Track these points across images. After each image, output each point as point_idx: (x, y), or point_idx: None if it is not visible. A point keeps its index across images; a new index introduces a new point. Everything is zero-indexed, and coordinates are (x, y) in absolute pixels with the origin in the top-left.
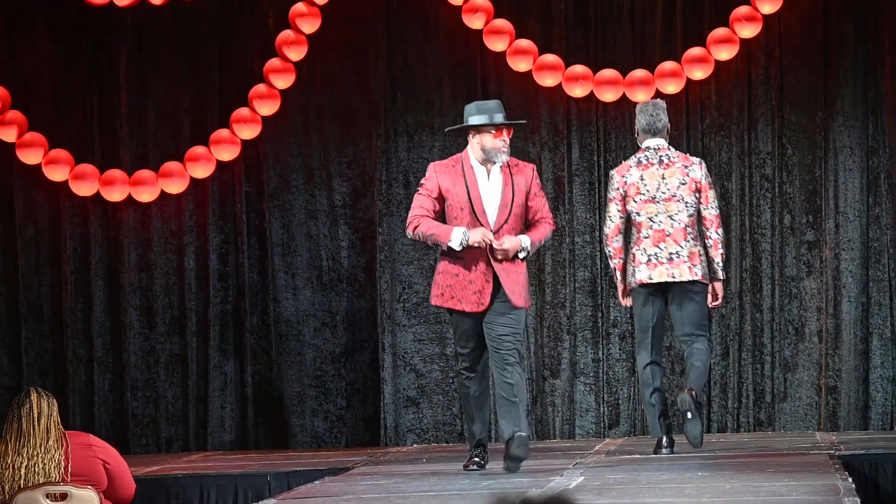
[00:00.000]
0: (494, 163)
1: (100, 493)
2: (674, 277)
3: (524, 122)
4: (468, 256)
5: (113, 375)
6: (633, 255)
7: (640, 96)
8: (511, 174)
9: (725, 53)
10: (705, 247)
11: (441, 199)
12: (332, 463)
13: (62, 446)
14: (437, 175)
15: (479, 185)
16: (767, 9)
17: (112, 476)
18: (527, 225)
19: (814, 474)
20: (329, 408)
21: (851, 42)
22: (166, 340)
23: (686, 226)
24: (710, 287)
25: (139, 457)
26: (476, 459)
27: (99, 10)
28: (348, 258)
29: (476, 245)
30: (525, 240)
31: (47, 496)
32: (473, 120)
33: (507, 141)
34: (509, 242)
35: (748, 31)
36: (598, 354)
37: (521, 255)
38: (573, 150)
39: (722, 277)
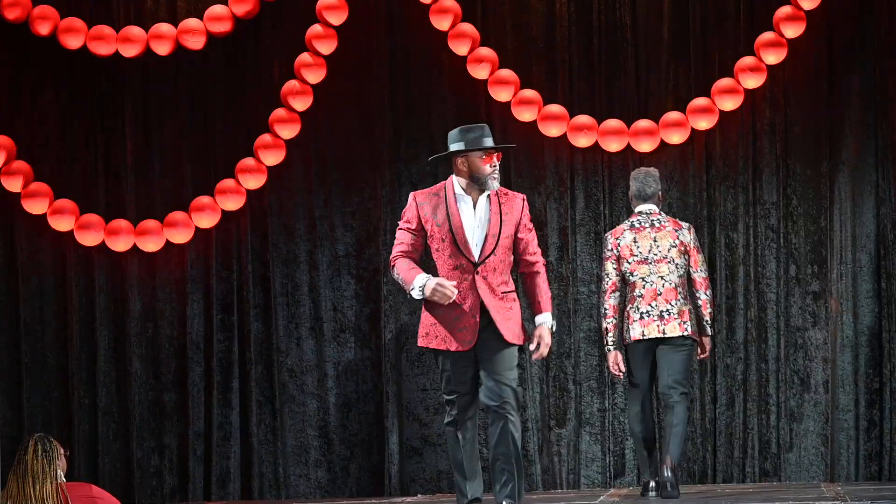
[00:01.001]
0: (484, 190)
1: None
2: (664, 334)
3: (513, 145)
4: (456, 286)
5: (117, 425)
6: (628, 313)
7: (644, 146)
8: (500, 203)
9: (730, 104)
10: (695, 305)
11: (422, 230)
12: None
13: (63, 502)
14: (416, 205)
15: (463, 215)
16: (772, 59)
17: None
18: (517, 262)
19: None
20: (333, 458)
21: (857, 92)
22: (171, 390)
23: (676, 286)
24: (700, 341)
25: None
26: None
27: (105, 61)
28: (352, 308)
29: (436, 300)
30: (546, 319)
31: None
32: (458, 146)
33: (497, 166)
34: (544, 339)
35: (753, 82)
36: (603, 404)
37: (554, 330)
38: (578, 201)
39: (709, 333)
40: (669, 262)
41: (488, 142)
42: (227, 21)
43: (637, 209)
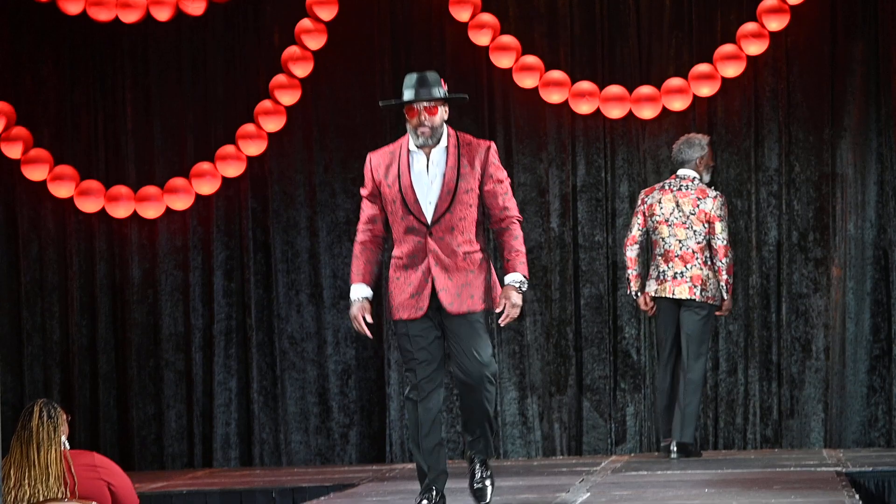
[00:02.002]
0: (420, 146)
1: None
2: (673, 295)
3: (442, 98)
4: (408, 254)
5: (118, 392)
6: (650, 270)
7: (646, 113)
8: (459, 155)
9: (732, 70)
10: (715, 272)
11: (379, 195)
12: (338, 479)
13: (65, 471)
14: (371, 167)
15: (414, 171)
16: (775, 26)
17: (116, 496)
18: (486, 217)
19: (821, 491)
20: (333, 425)
21: (859, 59)
22: (171, 357)
23: (694, 251)
24: (720, 305)
25: (144, 473)
26: None
27: (104, 27)
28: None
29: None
30: (513, 279)
31: None
32: (403, 98)
33: (433, 119)
34: (510, 300)
35: (755, 48)
36: (604, 371)
37: (524, 289)
38: (579, 167)
39: (726, 297)
40: (688, 228)
41: (408, 94)
42: None
43: (677, 173)
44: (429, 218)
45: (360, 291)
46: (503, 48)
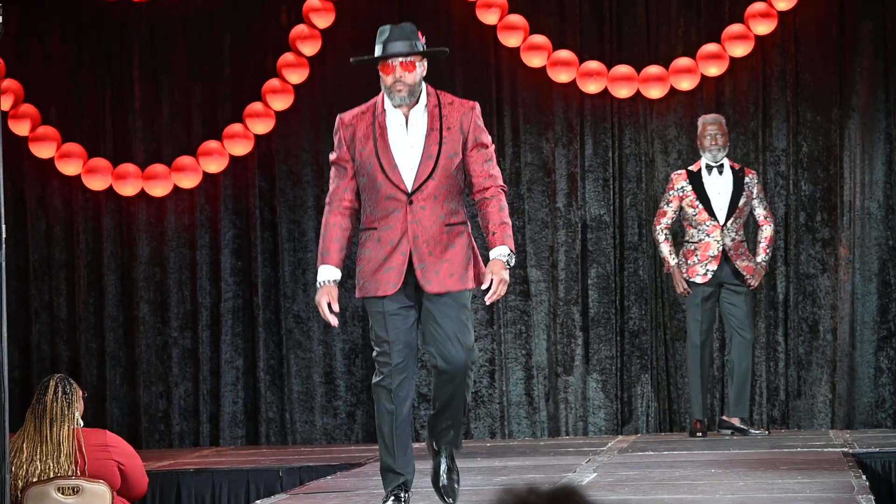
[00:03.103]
0: (397, 105)
1: (112, 489)
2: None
3: (419, 52)
4: (382, 226)
5: (125, 370)
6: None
7: (654, 93)
8: (441, 116)
9: (740, 50)
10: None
11: (352, 160)
12: (344, 458)
13: (76, 449)
14: (342, 129)
15: (391, 135)
16: (783, 5)
17: (126, 476)
18: (467, 186)
19: (827, 472)
20: (339, 404)
21: (868, 39)
22: (178, 335)
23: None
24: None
25: (151, 451)
26: None
27: (113, 5)
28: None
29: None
30: (500, 253)
31: (59, 490)
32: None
33: (411, 76)
34: (496, 275)
35: (763, 28)
36: (611, 351)
37: (511, 264)
38: (587, 147)
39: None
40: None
41: (381, 49)
42: None
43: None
44: (409, 185)
45: (327, 274)
46: (511, 27)
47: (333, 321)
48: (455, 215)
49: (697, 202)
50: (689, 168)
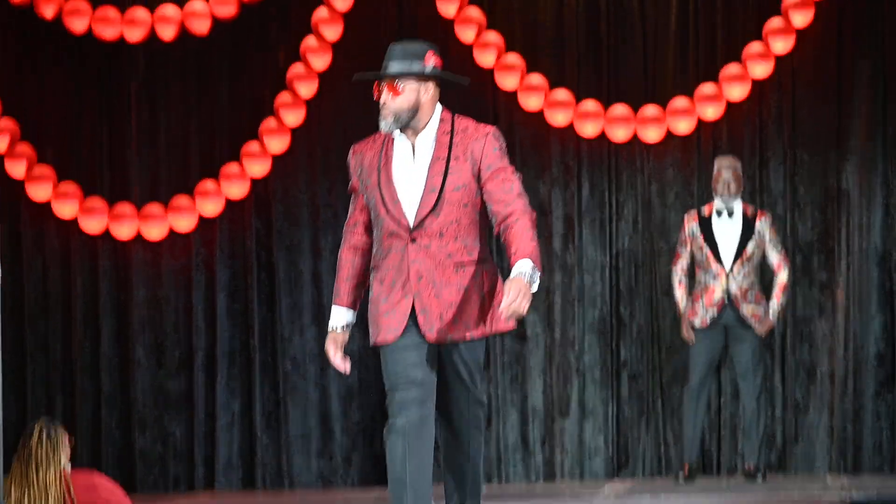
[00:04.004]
0: (389, 131)
1: None
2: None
3: (409, 73)
4: (387, 265)
5: (120, 412)
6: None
7: (651, 135)
8: (451, 144)
9: (738, 92)
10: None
11: (362, 192)
12: (340, 502)
13: (65, 492)
14: (352, 158)
15: (395, 165)
16: (780, 47)
17: None
18: (494, 220)
19: None
20: (335, 447)
21: (866, 81)
22: (174, 377)
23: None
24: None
25: (146, 495)
26: None
27: (110, 45)
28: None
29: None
30: (520, 268)
31: None
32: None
33: (396, 100)
34: (514, 288)
35: (760, 70)
36: (607, 395)
37: (535, 289)
38: (583, 189)
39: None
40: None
41: (389, 68)
42: (233, 5)
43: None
44: (410, 221)
45: (337, 318)
46: (508, 68)
47: (342, 368)
48: (469, 253)
49: (705, 246)
50: (701, 209)
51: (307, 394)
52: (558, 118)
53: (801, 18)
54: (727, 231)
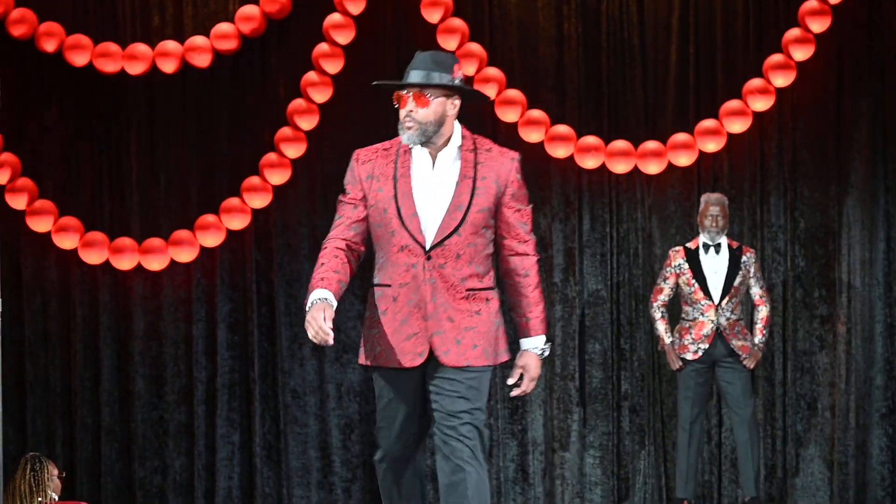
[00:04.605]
0: (414, 144)
1: None
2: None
3: (439, 84)
4: (397, 282)
5: (120, 445)
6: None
7: (652, 168)
8: (476, 163)
9: (738, 126)
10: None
11: (365, 200)
12: None
13: None
14: (358, 165)
15: (414, 178)
16: (781, 82)
17: None
18: (496, 248)
19: None
20: (335, 479)
21: (866, 115)
22: (174, 409)
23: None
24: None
25: None
26: None
27: (110, 78)
28: (355, 328)
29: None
30: (535, 345)
31: None
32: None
33: (422, 112)
34: (529, 371)
35: (761, 104)
36: (608, 427)
37: (546, 355)
38: (584, 222)
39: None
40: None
41: (411, 77)
42: (234, 39)
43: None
44: (429, 239)
45: (320, 294)
46: (509, 102)
47: (331, 338)
48: (480, 280)
49: (693, 280)
50: (687, 245)
51: (307, 426)
52: (559, 151)
53: (802, 53)
54: (715, 265)
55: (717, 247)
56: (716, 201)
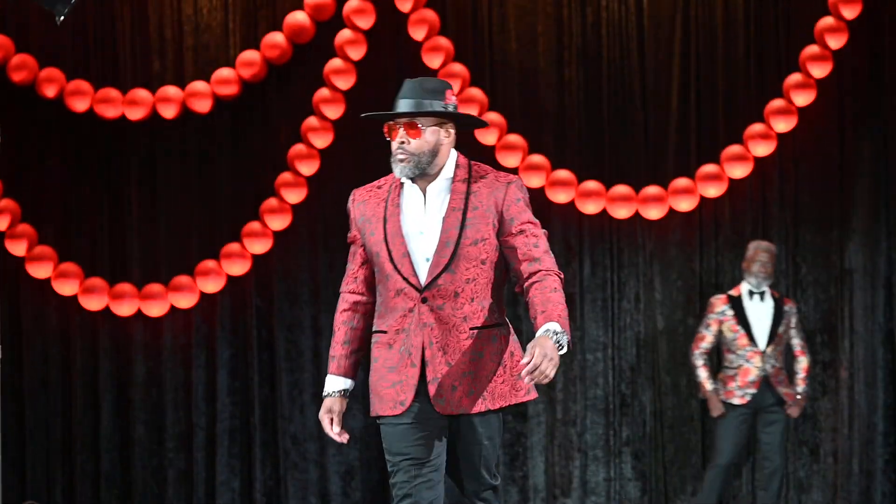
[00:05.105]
0: (407, 177)
1: None
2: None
3: (430, 112)
4: (392, 328)
5: (120, 491)
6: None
7: (653, 213)
8: (468, 193)
9: (739, 171)
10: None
11: (364, 246)
12: None
13: None
14: (353, 207)
15: (404, 216)
16: (782, 127)
17: None
18: (517, 279)
19: None
20: None
21: (867, 160)
22: (174, 456)
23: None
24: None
25: None
26: None
27: (111, 124)
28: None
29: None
30: (547, 328)
31: None
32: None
33: (416, 143)
34: (540, 350)
35: (763, 149)
36: (609, 473)
37: (563, 351)
38: (585, 267)
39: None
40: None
41: (399, 106)
42: (234, 84)
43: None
44: (422, 278)
45: (331, 385)
46: (510, 147)
47: (339, 438)
48: (485, 316)
49: (738, 326)
50: (730, 292)
51: (307, 472)
52: (560, 196)
53: (803, 98)
54: (760, 313)
55: (762, 294)
56: (766, 248)
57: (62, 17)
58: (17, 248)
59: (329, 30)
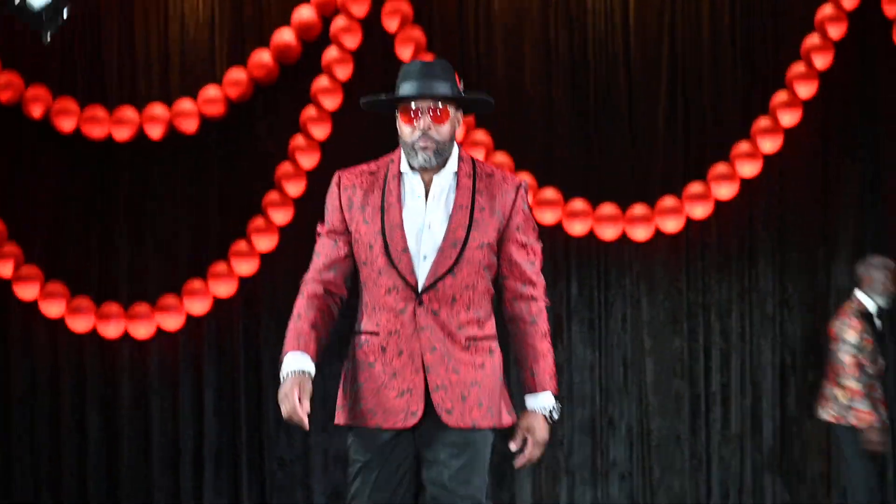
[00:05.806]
0: (418, 168)
1: None
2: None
3: (456, 97)
4: (386, 329)
5: None
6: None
7: (639, 234)
8: (474, 190)
9: (726, 191)
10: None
11: (347, 232)
12: None
13: None
14: (340, 191)
15: (406, 206)
16: (768, 147)
17: None
18: (499, 290)
19: None
20: None
21: (853, 179)
22: (161, 477)
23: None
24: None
25: None
26: None
27: (98, 144)
28: None
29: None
30: (542, 403)
31: None
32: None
33: (440, 129)
34: (535, 434)
35: (749, 169)
36: (596, 495)
37: (555, 418)
38: (572, 287)
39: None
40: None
41: (408, 88)
42: (221, 104)
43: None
44: (421, 279)
45: (296, 362)
46: (496, 167)
47: (306, 422)
48: (480, 327)
49: (875, 345)
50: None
51: (293, 494)
52: (546, 217)
53: (789, 118)
54: (878, 331)
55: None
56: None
57: (49, 37)
58: (4, 269)
59: (316, 49)
